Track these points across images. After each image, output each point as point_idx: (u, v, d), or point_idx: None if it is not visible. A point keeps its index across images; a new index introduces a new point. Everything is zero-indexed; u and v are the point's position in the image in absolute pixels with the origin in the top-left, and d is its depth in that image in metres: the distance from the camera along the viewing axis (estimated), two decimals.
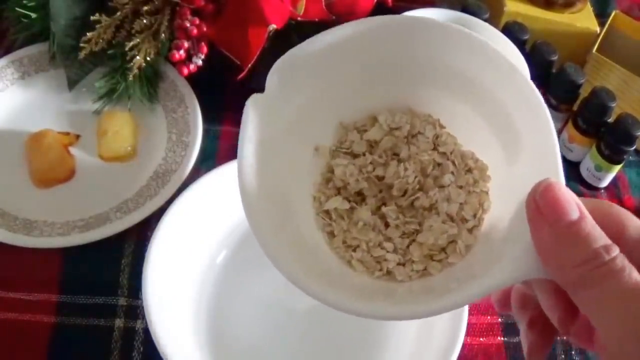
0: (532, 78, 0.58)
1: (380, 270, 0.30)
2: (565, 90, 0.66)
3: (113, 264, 0.53)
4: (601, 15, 0.76)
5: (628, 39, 0.72)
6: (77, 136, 0.60)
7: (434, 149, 0.33)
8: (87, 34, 0.59)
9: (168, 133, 0.61)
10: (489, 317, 0.54)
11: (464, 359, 0.51)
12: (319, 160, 0.33)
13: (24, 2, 0.61)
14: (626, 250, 0.24)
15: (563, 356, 0.53)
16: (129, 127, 0.60)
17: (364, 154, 0.33)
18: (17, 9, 0.62)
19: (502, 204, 0.30)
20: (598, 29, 0.72)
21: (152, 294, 0.45)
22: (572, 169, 0.68)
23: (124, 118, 0.60)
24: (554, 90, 0.67)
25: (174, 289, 0.47)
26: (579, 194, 0.73)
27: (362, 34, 0.31)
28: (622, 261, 0.23)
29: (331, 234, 0.31)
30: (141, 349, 0.49)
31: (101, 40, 0.59)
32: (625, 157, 0.63)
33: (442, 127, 0.33)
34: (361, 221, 0.31)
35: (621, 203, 0.67)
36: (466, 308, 0.47)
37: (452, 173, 0.32)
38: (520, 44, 0.64)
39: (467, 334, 0.47)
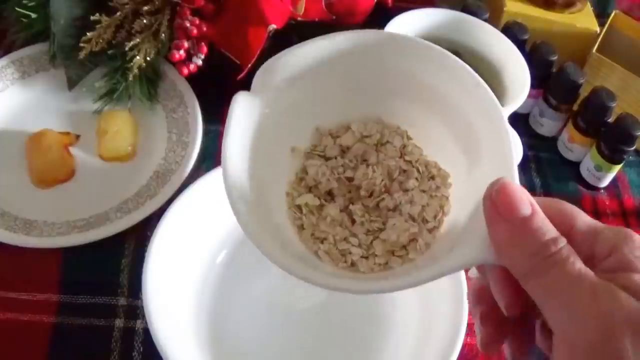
0: (532, 78, 0.59)
1: (345, 262, 0.32)
2: (565, 90, 0.66)
3: (113, 264, 0.53)
4: (601, 15, 0.76)
5: (628, 39, 0.72)
6: (77, 136, 0.60)
7: (401, 157, 0.35)
8: (87, 34, 0.59)
9: (168, 133, 0.61)
10: None
11: (463, 359, 0.51)
12: (294, 160, 0.35)
13: (24, 2, 0.61)
14: (575, 243, 0.26)
15: None
16: (129, 127, 0.60)
17: (335, 158, 0.36)
18: (17, 9, 0.62)
19: (461, 209, 0.32)
20: (598, 29, 0.72)
21: (152, 294, 0.45)
22: (572, 169, 0.68)
23: (124, 118, 0.60)
24: (554, 90, 0.67)
25: (174, 289, 0.47)
26: (579, 194, 0.73)
27: (342, 46, 0.34)
28: (568, 252, 0.25)
29: (301, 227, 0.34)
30: (141, 349, 0.49)
31: (101, 40, 0.59)
32: (625, 157, 0.63)
33: (409, 138, 0.36)
34: (329, 217, 0.33)
35: (621, 203, 0.67)
36: (466, 309, 0.47)
37: (416, 179, 0.35)
38: (520, 44, 0.64)
39: (467, 334, 0.47)
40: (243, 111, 0.32)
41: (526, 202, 0.26)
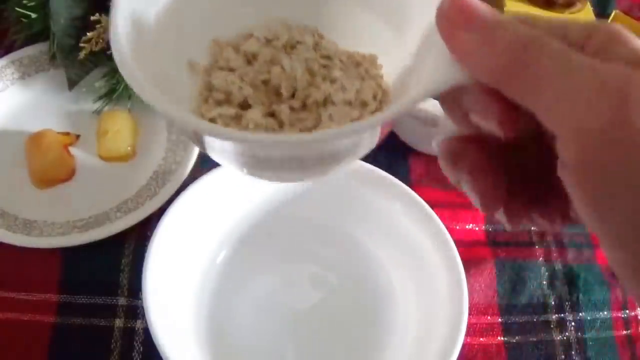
0: None
1: None
2: None
3: (113, 264, 0.53)
4: (601, 15, 0.76)
5: None
6: (77, 136, 0.60)
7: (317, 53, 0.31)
8: (87, 34, 0.59)
9: (168, 133, 0.61)
10: (488, 317, 0.54)
11: (463, 359, 0.51)
12: (194, 79, 0.30)
13: (24, 2, 0.61)
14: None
15: (563, 356, 0.53)
16: (129, 127, 0.60)
17: (242, 68, 0.30)
18: (17, 9, 0.61)
19: (403, 79, 0.29)
20: None
21: (152, 294, 0.45)
22: None
23: (124, 118, 0.60)
24: None
25: (174, 288, 0.47)
26: None
27: None
28: (543, 34, 0.21)
29: None
30: (141, 349, 0.49)
31: (101, 40, 0.59)
32: None
33: (320, 36, 0.31)
34: (252, 122, 0.28)
35: None
36: (466, 310, 0.47)
37: (341, 69, 0.30)
38: None
39: (467, 334, 0.47)
40: (128, 12, 0.26)
41: (482, 6, 0.22)
